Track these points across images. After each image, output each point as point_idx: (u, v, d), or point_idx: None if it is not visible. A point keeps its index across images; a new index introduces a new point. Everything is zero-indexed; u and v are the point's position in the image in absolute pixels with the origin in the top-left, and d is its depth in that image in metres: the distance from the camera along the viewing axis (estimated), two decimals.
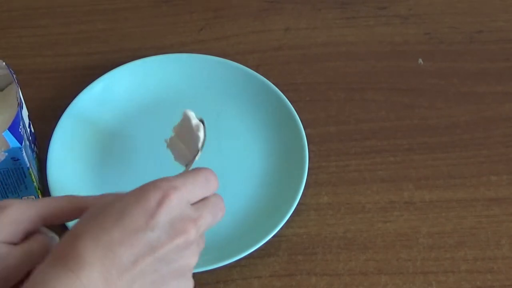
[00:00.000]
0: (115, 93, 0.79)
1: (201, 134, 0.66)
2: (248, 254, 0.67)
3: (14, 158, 0.65)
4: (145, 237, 0.50)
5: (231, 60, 0.81)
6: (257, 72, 0.80)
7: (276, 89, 0.78)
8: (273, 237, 0.68)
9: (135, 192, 0.53)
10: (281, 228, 0.69)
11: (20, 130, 0.65)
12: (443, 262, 0.69)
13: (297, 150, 0.74)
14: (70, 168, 0.73)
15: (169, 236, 0.51)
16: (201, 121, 0.67)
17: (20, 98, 0.68)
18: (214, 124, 0.77)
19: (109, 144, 0.76)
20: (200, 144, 0.65)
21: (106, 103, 0.78)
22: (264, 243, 0.68)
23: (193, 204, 0.54)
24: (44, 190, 0.72)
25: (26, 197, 0.69)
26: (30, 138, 0.70)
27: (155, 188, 0.52)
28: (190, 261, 0.53)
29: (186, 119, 0.69)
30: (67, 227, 0.62)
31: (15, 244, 0.54)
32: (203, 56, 0.82)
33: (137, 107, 0.79)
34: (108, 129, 0.77)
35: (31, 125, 0.72)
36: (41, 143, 0.75)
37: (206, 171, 0.56)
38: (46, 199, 0.59)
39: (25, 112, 0.70)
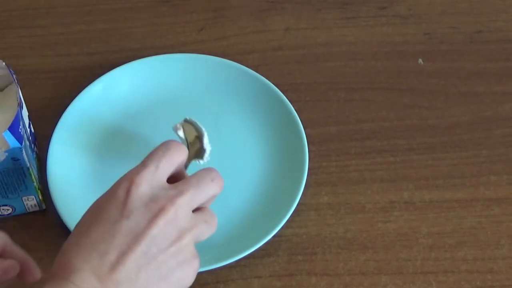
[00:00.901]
0: (115, 93, 0.79)
1: (206, 145, 0.65)
2: (248, 254, 0.67)
3: (14, 158, 0.65)
4: (123, 226, 0.51)
5: (231, 60, 0.81)
6: (257, 72, 0.80)
7: (276, 89, 0.78)
8: (273, 237, 0.68)
9: (106, 191, 0.54)
10: (281, 228, 0.69)
11: (20, 130, 0.65)
12: (443, 262, 0.69)
13: (297, 150, 0.74)
14: (70, 168, 0.74)
15: (147, 218, 0.51)
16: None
17: (20, 98, 0.68)
18: (214, 124, 0.77)
19: (109, 144, 0.76)
20: (205, 155, 0.65)
21: (106, 103, 0.78)
22: (264, 243, 0.68)
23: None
24: (44, 190, 0.72)
25: (26, 197, 0.69)
26: (30, 138, 0.70)
27: (122, 180, 0.53)
28: (184, 237, 0.53)
29: (192, 123, 0.69)
30: None
31: None
32: (203, 56, 0.82)
33: (137, 107, 0.79)
34: (108, 129, 0.77)
35: (31, 125, 0.72)
36: (41, 143, 0.75)
37: (168, 149, 0.56)
38: None
39: (25, 112, 0.70)
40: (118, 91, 0.79)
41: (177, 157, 0.56)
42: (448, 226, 0.71)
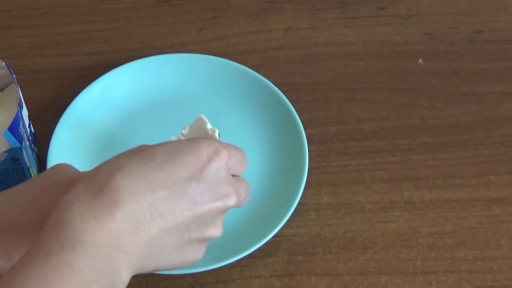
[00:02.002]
0: (115, 93, 0.79)
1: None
2: (248, 254, 0.67)
3: (14, 158, 0.65)
4: (190, 188, 0.49)
5: (231, 60, 0.81)
6: (257, 72, 0.80)
7: (276, 89, 0.78)
8: (273, 237, 0.68)
9: (186, 141, 0.52)
10: (281, 228, 0.69)
11: (20, 130, 0.65)
12: (443, 262, 0.69)
13: (297, 150, 0.74)
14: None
15: (212, 196, 0.50)
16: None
17: (20, 98, 0.68)
18: (214, 124, 0.77)
19: (109, 144, 0.76)
20: None
21: (106, 103, 0.78)
22: (264, 243, 0.68)
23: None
24: None
25: None
26: (30, 138, 0.70)
27: (208, 143, 0.52)
28: (217, 231, 0.52)
29: (200, 122, 0.69)
30: None
31: None
32: (203, 56, 0.82)
33: (137, 107, 0.79)
34: (108, 129, 0.77)
35: (31, 125, 0.72)
36: (41, 143, 0.75)
37: (244, 153, 0.56)
38: None
39: (25, 112, 0.70)
40: (118, 91, 0.79)
41: (243, 167, 0.56)
42: (448, 226, 0.71)
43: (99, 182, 0.48)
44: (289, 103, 0.77)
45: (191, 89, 0.80)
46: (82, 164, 0.74)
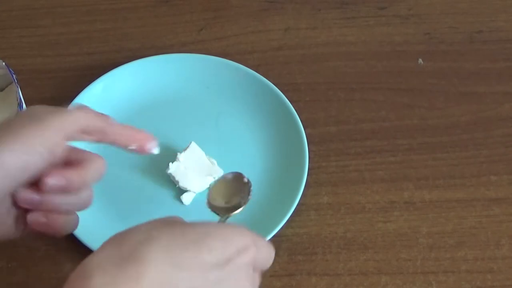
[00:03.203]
0: (115, 93, 0.79)
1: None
2: None
3: None
4: (211, 275, 0.49)
5: (231, 60, 0.81)
6: (257, 72, 0.80)
7: (276, 89, 0.78)
8: (273, 237, 0.68)
9: (219, 225, 0.53)
10: (281, 228, 0.69)
11: None
12: (443, 262, 0.69)
13: (297, 150, 0.74)
14: None
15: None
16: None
17: (20, 98, 0.68)
18: (215, 124, 0.78)
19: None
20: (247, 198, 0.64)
21: (106, 103, 0.78)
22: None
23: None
24: None
25: None
26: None
27: (241, 234, 0.52)
28: None
29: (194, 151, 0.73)
30: None
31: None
32: (203, 56, 0.81)
33: (137, 107, 0.79)
34: None
35: None
36: None
37: (273, 249, 0.55)
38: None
39: None
40: (118, 91, 0.79)
41: (269, 263, 0.55)
42: (448, 226, 0.71)
43: (126, 250, 0.48)
44: (289, 103, 0.77)
45: (191, 89, 0.80)
46: None
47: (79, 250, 0.67)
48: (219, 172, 0.73)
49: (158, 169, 0.74)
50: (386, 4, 0.89)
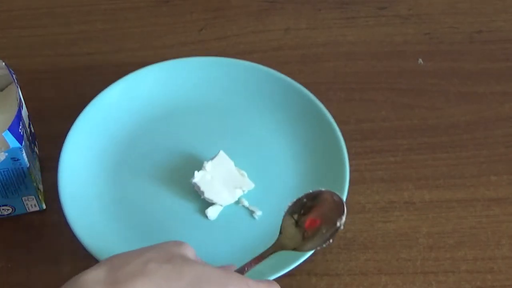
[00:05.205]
0: (135, 99, 0.76)
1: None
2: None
3: (14, 158, 0.65)
4: None
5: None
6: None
7: (307, 91, 0.76)
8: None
9: (216, 270, 0.52)
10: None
11: (20, 130, 0.65)
12: (443, 262, 0.69)
13: (334, 154, 0.71)
14: (82, 173, 0.71)
15: None
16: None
17: (20, 98, 0.68)
18: (244, 133, 0.74)
19: (124, 152, 0.73)
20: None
21: (124, 110, 0.75)
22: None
23: None
24: (49, 191, 0.71)
25: (26, 197, 0.69)
26: (30, 138, 0.70)
27: (238, 280, 0.52)
28: None
29: (223, 160, 0.68)
30: None
31: None
32: (230, 60, 0.78)
33: (160, 113, 0.76)
34: (124, 136, 0.74)
35: (31, 125, 0.72)
36: (41, 143, 0.75)
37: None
38: None
39: (25, 112, 0.70)
40: (138, 97, 0.76)
41: None
42: (448, 226, 0.71)
43: (119, 278, 0.48)
44: (321, 104, 0.74)
45: (218, 95, 0.77)
46: (94, 170, 0.71)
47: (79, 252, 0.66)
48: (249, 185, 0.69)
49: (182, 179, 0.70)
50: (386, 4, 0.89)
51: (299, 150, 0.74)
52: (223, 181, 0.69)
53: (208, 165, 0.69)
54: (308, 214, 0.61)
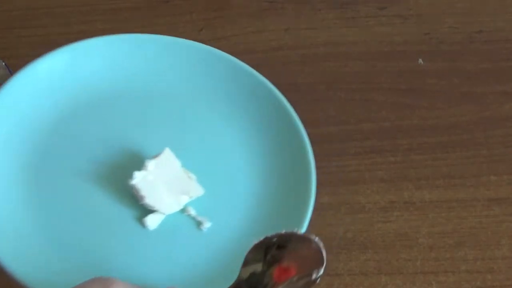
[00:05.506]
0: (69, 78, 0.63)
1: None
2: None
3: None
4: None
5: None
6: (257, 71, 0.78)
7: (272, 86, 0.71)
8: None
9: None
10: None
11: None
12: (443, 262, 0.69)
13: (299, 157, 0.66)
14: None
15: None
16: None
17: None
18: (197, 129, 0.65)
19: (52, 139, 0.60)
20: None
21: (55, 90, 0.62)
22: None
23: None
24: None
25: None
26: None
27: None
28: None
29: (169, 158, 0.58)
30: None
31: None
32: (189, 42, 0.68)
33: (97, 98, 0.63)
34: (53, 120, 0.62)
35: None
36: None
37: None
38: None
39: None
40: (74, 76, 0.63)
41: None
42: (448, 226, 0.71)
43: None
44: (287, 102, 0.70)
45: (169, 82, 0.65)
46: (10, 167, 0.58)
47: None
48: (197, 191, 0.59)
49: (118, 179, 0.58)
50: (386, 4, 0.89)
51: (258, 152, 0.64)
52: (167, 184, 0.58)
53: (150, 165, 0.58)
54: (279, 260, 0.51)
